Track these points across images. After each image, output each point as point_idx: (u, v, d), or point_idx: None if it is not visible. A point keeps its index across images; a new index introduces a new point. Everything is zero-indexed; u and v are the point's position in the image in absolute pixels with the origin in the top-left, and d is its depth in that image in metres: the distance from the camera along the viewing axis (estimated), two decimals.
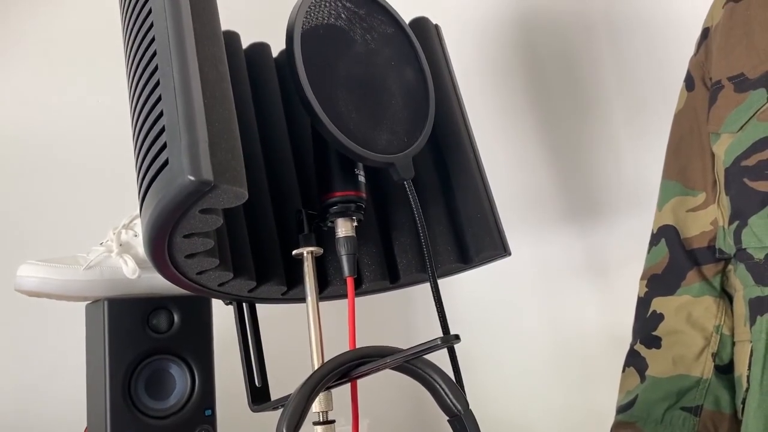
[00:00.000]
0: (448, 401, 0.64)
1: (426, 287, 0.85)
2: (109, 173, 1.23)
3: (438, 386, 0.64)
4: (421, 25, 0.87)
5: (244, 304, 0.77)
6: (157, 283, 0.93)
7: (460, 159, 0.82)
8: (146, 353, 0.88)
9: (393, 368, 0.65)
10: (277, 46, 0.84)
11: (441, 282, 0.83)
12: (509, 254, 0.80)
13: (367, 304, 1.08)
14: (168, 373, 0.90)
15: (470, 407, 0.64)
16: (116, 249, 0.92)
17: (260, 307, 0.80)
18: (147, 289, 0.93)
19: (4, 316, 1.14)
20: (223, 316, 0.91)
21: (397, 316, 1.44)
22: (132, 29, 0.58)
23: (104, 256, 0.92)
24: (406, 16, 0.85)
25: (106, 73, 1.25)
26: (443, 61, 0.86)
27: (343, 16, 0.68)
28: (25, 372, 1.15)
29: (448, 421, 0.66)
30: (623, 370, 0.89)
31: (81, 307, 0.96)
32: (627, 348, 0.90)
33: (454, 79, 0.87)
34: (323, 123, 0.63)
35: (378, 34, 0.71)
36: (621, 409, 0.86)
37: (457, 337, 0.60)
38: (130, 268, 0.91)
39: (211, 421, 0.91)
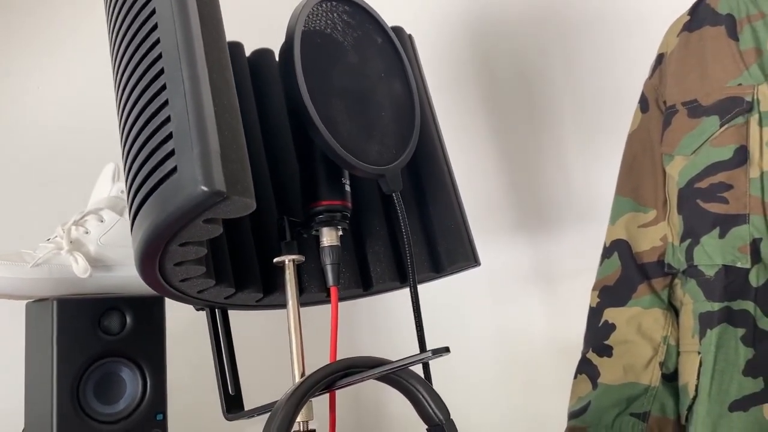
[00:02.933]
0: (430, 411, 0.66)
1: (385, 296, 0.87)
2: (59, 166, 1.16)
3: (421, 396, 0.66)
4: (396, 34, 0.87)
5: (216, 310, 0.75)
6: (108, 282, 0.90)
7: (434, 170, 0.83)
8: (97, 356, 0.85)
9: (376, 378, 0.66)
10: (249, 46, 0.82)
11: (399, 291, 0.84)
12: (479, 264, 0.82)
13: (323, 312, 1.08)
14: (119, 376, 0.87)
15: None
16: (66, 246, 0.88)
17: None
18: (97, 289, 0.89)
19: None
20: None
21: (343, 324, 1.44)
22: (127, 29, 0.56)
23: (53, 254, 0.87)
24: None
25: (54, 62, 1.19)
26: (417, 71, 0.87)
27: (338, 27, 0.68)
28: None
29: (427, 430, 0.67)
30: (575, 377, 0.93)
31: (16, 305, 0.91)
32: (573, 355, 0.95)
33: (427, 89, 0.88)
34: (319, 130, 0.63)
35: (369, 46, 0.72)
36: (573, 415, 0.91)
37: (447, 350, 0.61)
38: (81, 267, 0.87)
39: (163, 425, 0.89)
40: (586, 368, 0.92)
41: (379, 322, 1.34)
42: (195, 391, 1.01)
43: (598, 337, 0.92)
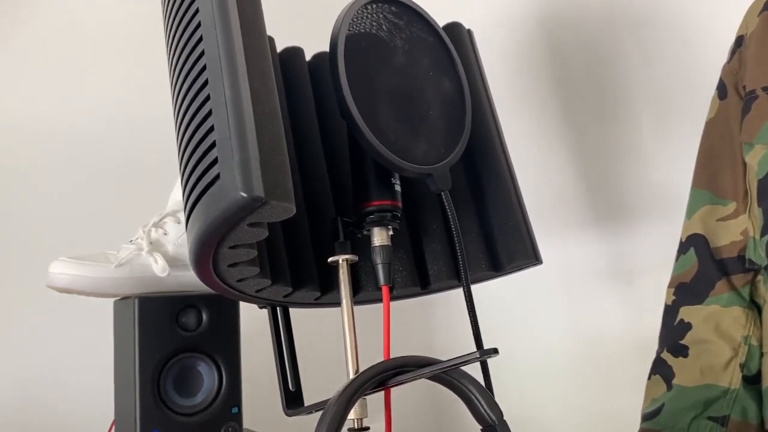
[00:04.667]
0: (483, 412, 0.65)
1: (447, 294, 0.86)
2: (140, 171, 1.24)
3: (473, 397, 0.65)
4: (454, 30, 0.87)
5: (278, 308, 0.78)
6: (186, 281, 0.94)
7: (493, 166, 0.82)
8: (175, 351, 0.89)
9: (428, 378, 0.66)
10: (309, 49, 0.84)
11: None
12: (540, 263, 0.81)
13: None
14: (196, 371, 0.91)
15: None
16: (146, 247, 0.93)
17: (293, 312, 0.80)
18: (175, 287, 0.94)
19: (34, 311, 1.15)
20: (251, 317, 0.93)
21: (418, 322, 1.45)
22: (179, 41, 0.59)
23: (134, 254, 0.93)
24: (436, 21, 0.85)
25: (137, 72, 1.26)
26: (476, 66, 0.86)
27: (384, 27, 0.68)
28: (55, 366, 1.16)
29: (481, 430, 0.66)
30: (649, 378, 0.89)
31: (110, 303, 0.97)
32: (650, 355, 0.91)
33: (486, 85, 0.87)
34: (364, 134, 0.64)
35: (417, 45, 0.71)
36: (647, 417, 0.87)
37: (495, 351, 0.60)
38: (160, 266, 0.92)
39: (238, 418, 0.92)
40: (660, 369, 0.88)
41: (455, 321, 1.33)
42: (270, 386, 1.05)
43: (673, 336, 0.88)
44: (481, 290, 1.28)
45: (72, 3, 1.28)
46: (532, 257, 0.80)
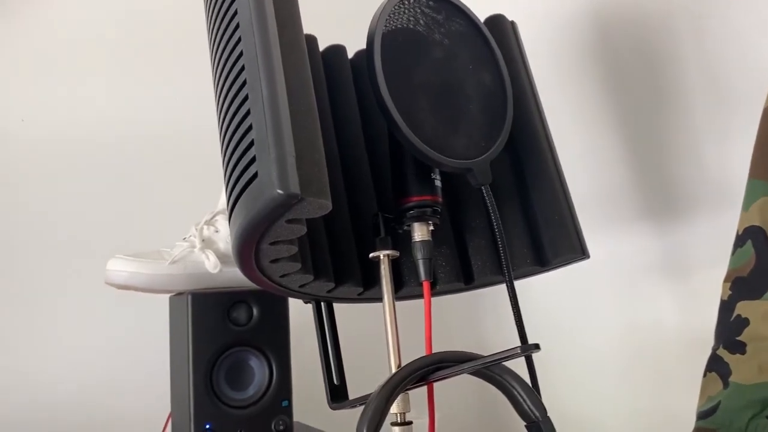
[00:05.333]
0: (526, 407, 0.64)
1: (497, 289, 0.86)
2: (192, 171, 1.27)
3: (516, 392, 0.65)
4: (497, 22, 0.86)
5: (322, 303, 0.79)
6: (237, 277, 0.96)
7: (537, 160, 0.81)
8: (227, 345, 0.91)
9: (470, 373, 0.66)
10: (351, 46, 0.85)
11: (515, 283, 0.82)
12: (588, 257, 0.79)
13: (436, 305, 1.08)
14: (247, 365, 0.93)
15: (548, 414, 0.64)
16: (199, 244, 0.95)
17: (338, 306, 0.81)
18: (227, 283, 0.96)
19: (93, 306, 1.20)
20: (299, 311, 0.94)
21: (466, 318, 1.44)
22: (220, 43, 0.60)
23: (187, 251, 0.95)
24: (481, 14, 0.84)
25: (185, 76, 1.30)
26: (519, 59, 0.85)
27: (421, 21, 0.68)
28: (113, 361, 1.21)
29: (525, 426, 0.66)
30: (704, 375, 0.86)
31: (165, 298, 1.00)
32: (705, 352, 0.88)
33: (530, 77, 0.86)
34: (401, 130, 0.64)
35: (456, 38, 0.71)
36: (702, 415, 0.84)
37: (536, 346, 0.60)
38: (212, 263, 0.94)
39: (288, 411, 0.94)
40: (716, 366, 0.85)
41: (504, 316, 1.32)
42: (320, 380, 1.07)
43: (729, 332, 0.84)
44: (529, 286, 1.27)
45: (107, 7, 1.32)
46: (579, 251, 0.78)
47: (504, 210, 0.80)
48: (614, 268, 1.14)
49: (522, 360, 0.71)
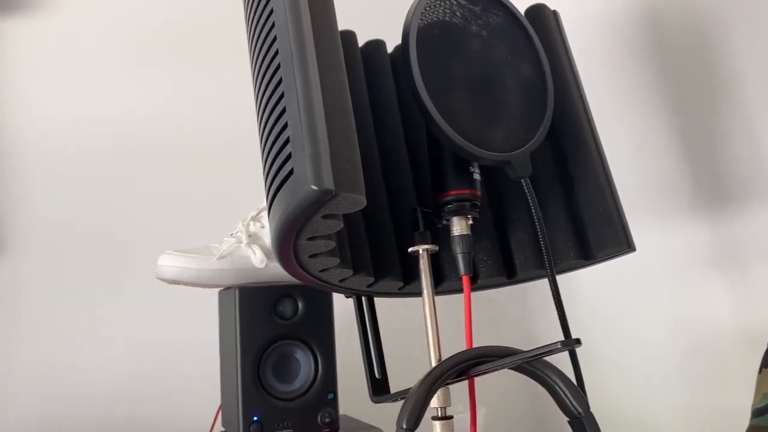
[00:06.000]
0: (568, 403, 0.63)
1: (546, 283, 0.84)
2: (238, 168, 1.30)
3: (558, 388, 0.64)
4: (538, 12, 0.84)
5: (363, 297, 0.79)
6: (282, 271, 0.96)
7: (581, 151, 0.79)
8: (273, 338, 0.92)
9: (512, 368, 0.65)
10: (391, 41, 0.85)
11: (559, 277, 0.81)
12: (634, 250, 0.77)
13: (486, 299, 1.07)
14: (293, 358, 0.94)
15: (591, 409, 0.63)
16: (245, 240, 0.97)
17: (380, 300, 0.82)
18: (273, 277, 0.97)
19: (145, 302, 1.23)
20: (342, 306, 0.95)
21: (516, 312, 1.43)
22: (258, 42, 0.61)
23: (234, 247, 0.97)
24: (523, 4, 0.83)
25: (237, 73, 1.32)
26: (562, 48, 0.83)
27: (458, 14, 0.68)
28: (166, 354, 1.24)
29: (568, 422, 0.65)
30: (760, 371, 0.83)
31: (214, 293, 1.02)
32: (762, 347, 0.85)
33: (574, 66, 0.84)
34: (437, 124, 0.63)
35: (494, 30, 0.70)
36: (757, 413, 0.81)
37: (578, 341, 0.59)
38: (258, 258, 0.95)
39: (334, 404, 0.94)
40: None
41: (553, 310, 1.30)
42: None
43: None
44: (578, 280, 1.25)
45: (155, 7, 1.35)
46: (625, 245, 0.76)
47: (547, 202, 0.78)
48: (666, 260, 1.11)
49: (556, 357, 0.70)
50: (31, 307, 1.18)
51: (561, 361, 0.65)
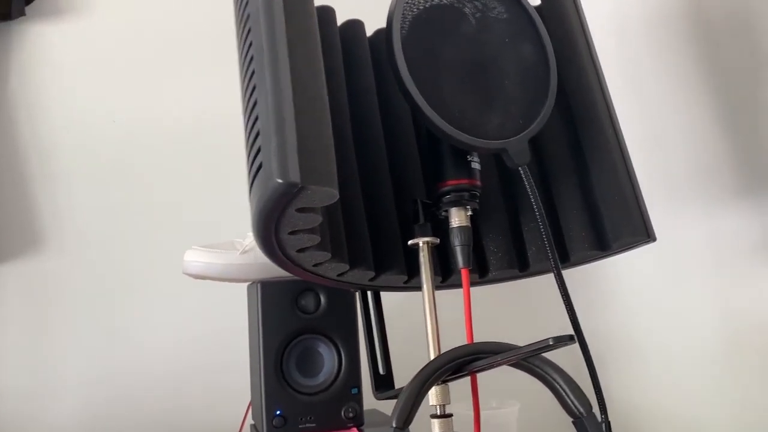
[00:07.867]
0: (570, 403, 0.60)
1: (577, 274, 0.80)
2: None
3: (558, 387, 0.60)
4: None
5: (368, 292, 0.77)
6: None
7: (597, 136, 0.74)
8: (296, 332, 0.92)
9: (511, 365, 0.62)
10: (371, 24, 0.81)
11: (599, 264, 0.76)
12: (654, 240, 0.72)
13: (517, 290, 1.02)
14: (317, 352, 0.94)
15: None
16: None
17: (389, 296, 0.80)
18: None
19: (173, 298, 1.26)
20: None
21: (551, 303, 1.37)
22: (238, 34, 0.60)
23: None
24: None
25: None
26: (579, 30, 0.78)
27: None
28: (200, 349, 1.26)
29: (572, 422, 0.61)
30: None
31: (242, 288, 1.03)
32: None
33: (592, 48, 0.79)
34: (422, 109, 0.60)
35: (490, 11, 0.67)
36: None
37: (571, 338, 0.55)
38: None
39: (358, 399, 0.93)
40: None
41: (590, 300, 1.25)
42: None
43: None
44: (619, 269, 1.18)
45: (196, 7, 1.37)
46: (643, 234, 0.71)
47: (560, 189, 0.74)
48: (712, 249, 1.04)
49: (597, 350, 0.66)
50: (70, 300, 1.22)
51: (599, 356, 0.61)
